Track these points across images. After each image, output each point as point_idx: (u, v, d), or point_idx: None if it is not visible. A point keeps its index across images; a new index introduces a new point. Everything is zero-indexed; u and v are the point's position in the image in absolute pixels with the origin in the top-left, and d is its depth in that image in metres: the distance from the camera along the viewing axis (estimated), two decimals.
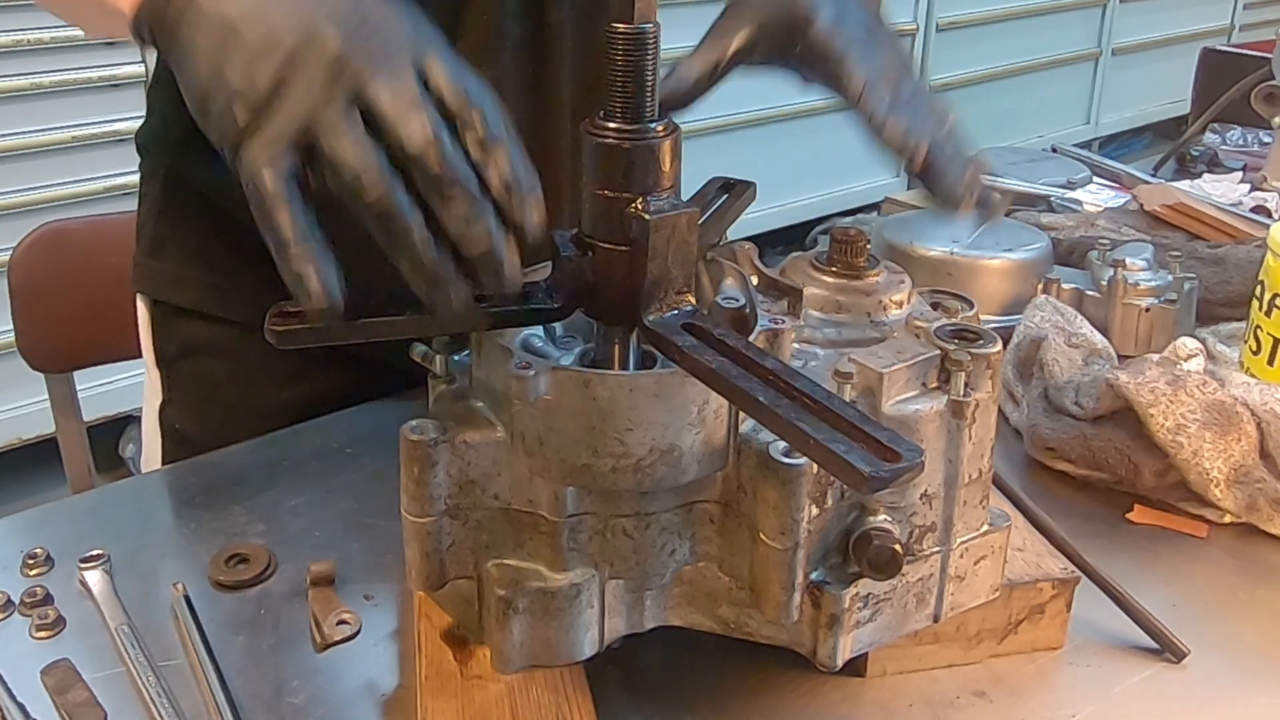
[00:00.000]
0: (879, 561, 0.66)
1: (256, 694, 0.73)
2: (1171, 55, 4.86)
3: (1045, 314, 1.07)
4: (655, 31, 0.62)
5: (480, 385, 0.69)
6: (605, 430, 0.63)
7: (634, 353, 0.68)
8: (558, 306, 0.66)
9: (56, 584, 0.81)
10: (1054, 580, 0.77)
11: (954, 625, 0.75)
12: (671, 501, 0.67)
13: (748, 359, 0.59)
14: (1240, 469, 0.90)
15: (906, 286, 0.75)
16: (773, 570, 0.65)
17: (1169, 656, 0.77)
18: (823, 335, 0.73)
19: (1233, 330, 1.16)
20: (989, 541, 0.73)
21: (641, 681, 0.74)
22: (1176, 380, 0.93)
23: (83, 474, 1.49)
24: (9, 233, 1.94)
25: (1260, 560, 0.89)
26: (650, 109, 0.62)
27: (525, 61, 1.04)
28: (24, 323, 1.41)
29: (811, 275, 0.75)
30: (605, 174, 0.63)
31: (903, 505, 0.69)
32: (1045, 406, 1.01)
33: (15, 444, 2.53)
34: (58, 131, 2.41)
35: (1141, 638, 0.79)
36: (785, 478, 0.63)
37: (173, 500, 0.95)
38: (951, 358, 0.68)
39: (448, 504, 0.67)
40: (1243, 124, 1.86)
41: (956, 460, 0.70)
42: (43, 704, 0.71)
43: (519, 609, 0.67)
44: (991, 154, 1.74)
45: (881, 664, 0.75)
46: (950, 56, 4.19)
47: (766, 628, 0.70)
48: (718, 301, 0.73)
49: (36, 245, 1.41)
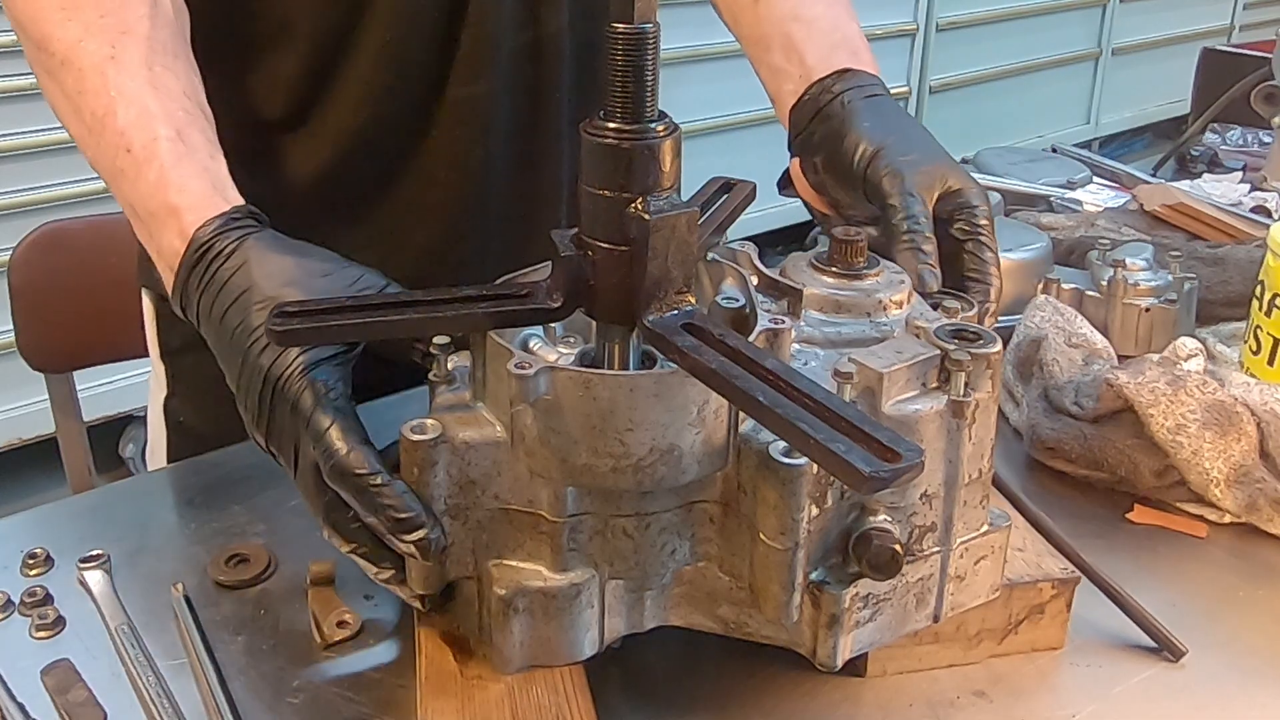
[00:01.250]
0: (879, 562, 0.66)
1: (256, 694, 0.73)
2: (1171, 55, 4.86)
3: (1045, 314, 1.07)
4: (655, 31, 0.62)
5: (481, 385, 0.69)
6: (605, 430, 0.63)
7: (634, 353, 0.68)
8: (557, 306, 0.66)
9: (56, 584, 0.81)
10: (1054, 580, 0.77)
11: (954, 625, 0.75)
12: (672, 501, 0.67)
13: (747, 359, 0.59)
14: (1240, 469, 0.90)
15: (906, 287, 0.75)
16: (772, 570, 0.65)
17: (1168, 656, 0.77)
18: (823, 335, 0.73)
19: (1233, 330, 1.16)
20: (989, 541, 0.73)
21: (642, 682, 0.74)
22: (1176, 380, 0.93)
23: (83, 474, 1.49)
24: (9, 233, 1.95)
25: (1260, 560, 0.89)
26: (650, 109, 0.62)
27: (524, 68, 1.04)
28: (24, 323, 1.41)
29: (812, 275, 0.75)
30: (605, 174, 0.63)
31: (903, 505, 0.69)
32: (1045, 406, 1.01)
33: (15, 444, 2.53)
34: (58, 131, 2.37)
35: (1141, 638, 0.79)
36: (785, 478, 0.63)
37: (173, 500, 0.95)
38: (951, 358, 0.68)
39: (448, 504, 0.67)
40: (1243, 124, 1.86)
41: (956, 460, 0.69)
42: (43, 704, 0.71)
43: (519, 609, 0.67)
44: (991, 154, 1.74)
45: (882, 664, 0.75)
46: (950, 56, 4.19)
47: (766, 628, 0.70)
48: (718, 301, 0.73)
49: (36, 245, 1.41)
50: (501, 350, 0.65)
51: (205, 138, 0.81)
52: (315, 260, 0.74)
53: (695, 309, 0.64)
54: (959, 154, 1.89)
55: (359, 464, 0.66)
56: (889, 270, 0.76)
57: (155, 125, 0.78)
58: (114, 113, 0.79)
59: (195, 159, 0.79)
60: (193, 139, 0.79)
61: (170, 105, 0.80)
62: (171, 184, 0.77)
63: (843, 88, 0.92)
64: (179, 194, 0.76)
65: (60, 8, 0.82)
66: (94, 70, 0.80)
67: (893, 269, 0.77)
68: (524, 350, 0.72)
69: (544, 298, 0.67)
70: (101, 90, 0.80)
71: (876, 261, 0.76)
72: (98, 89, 0.80)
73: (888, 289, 0.74)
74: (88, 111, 0.80)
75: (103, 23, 0.81)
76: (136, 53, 0.81)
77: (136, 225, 0.81)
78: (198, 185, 0.77)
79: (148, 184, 0.77)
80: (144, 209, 0.78)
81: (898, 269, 0.77)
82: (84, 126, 0.81)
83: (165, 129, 0.78)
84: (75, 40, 0.81)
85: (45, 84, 0.84)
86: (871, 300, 0.74)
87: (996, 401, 0.71)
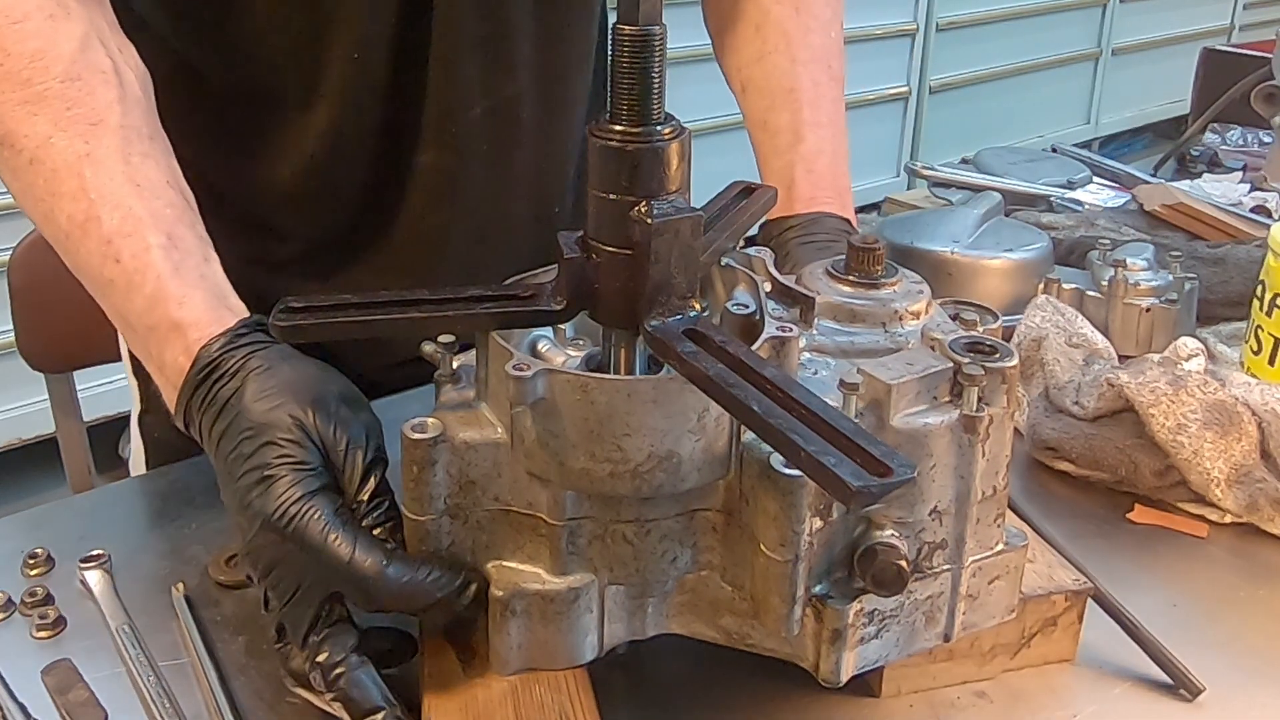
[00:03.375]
0: (883, 577, 0.65)
1: (256, 694, 0.73)
2: (1171, 55, 4.86)
3: (1045, 314, 1.07)
4: (661, 33, 0.61)
5: (484, 385, 0.69)
6: (603, 435, 0.62)
7: (640, 357, 0.68)
8: (560, 309, 0.66)
9: (56, 584, 0.81)
10: (1067, 592, 0.76)
11: (967, 641, 0.74)
12: (673, 508, 0.66)
13: (747, 367, 0.59)
14: (1241, 469, 0.90)
15: (925, 297, 0.73)
16: (773, 582, 0.64)
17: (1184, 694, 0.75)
18: (835, 344, 0.71)
19: (1233, 330, 1.16)
20: (1003, 561, 0.71)
21: (649, 689, 0.74)
22: (1177, 380, 0.93)
23: (83, 474, 1.49)
24: (9, 233, 1.93)
25: (1260, 560, 0.89)
26: (656, 111, 0.62)
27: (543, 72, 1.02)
28: (24, 323, 1.41)
29: (827, 283, 0.74)
30: (609, 176, 0.62)
31: (911, 521, 0.67)
32: (1045, 406, 1.01)
33: (15, 444, 2.53)
34: None
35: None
36: (785, 489, 0.62)
37: (173, 500, 0.95)
38: (964, 371, 0.66)
39: (447, 503, 0.67)
40: (1243, 124, 1.86)
41: (969, 476, 0.68)
42: (43, 704, 0.71)
43: (516, 611, 0.67)
44: (991, 154, 1.74)
45: (896, 684, 0.74)
46: (950, 56, 4.19)
47: (769, 640, 0.69)
48: (728, 307, 0.72)
49: (36, 245, 1.40)
50: (502, 351, 0.65)
51: (195, 234, 0.77)
52: (310, 372, 0.72)
53: (699, 314, 0.64)
54: (959, 154, 1.90)
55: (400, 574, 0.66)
56: (907, 280, 0.74)
57: (144, 232, 0.74)
58: (96, 219, 0.74)
59: (191, 265, 0.75)
60: (185, 241, 0.76)
61: (155, 204, 0.76)
62: (171, 297, 0.73)
63: (796, 238, 0.95)
64: (179, 308, 0.73)
65: (23, 102, 0.76)
66: (68, 171, 0.75)
67: (912, 278, 0.74)
68: (532, 352, 0.71)
69: (547, 300, 0.66)
70: (79, 194, 0.75)
71: (895, 270, 0.74)
72: (75, 192, 0.75)
73: (904, 299, 0.72)
74: (64, 216, 0.76)
75: (71, 115, 0.76)
76: (111, 145, 0.76)
77: (130, 337, 0.77)
78: (199, 297, 0.74)
79: (144, 298, 0.74)
80: (141, 324, 0.74)
81: (917, 279, 0.74)
82: (61, 232, 0.76)
83: (155, 236, 0.74)
84: (44, 137, 0.76)
85: (12, 184, 0.78)
86: (887, 310, 0.72)
87: (1012, 417, 0.69)
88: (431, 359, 0.71)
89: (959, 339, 0.69)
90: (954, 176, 1.66)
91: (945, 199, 1.59)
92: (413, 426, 0.66)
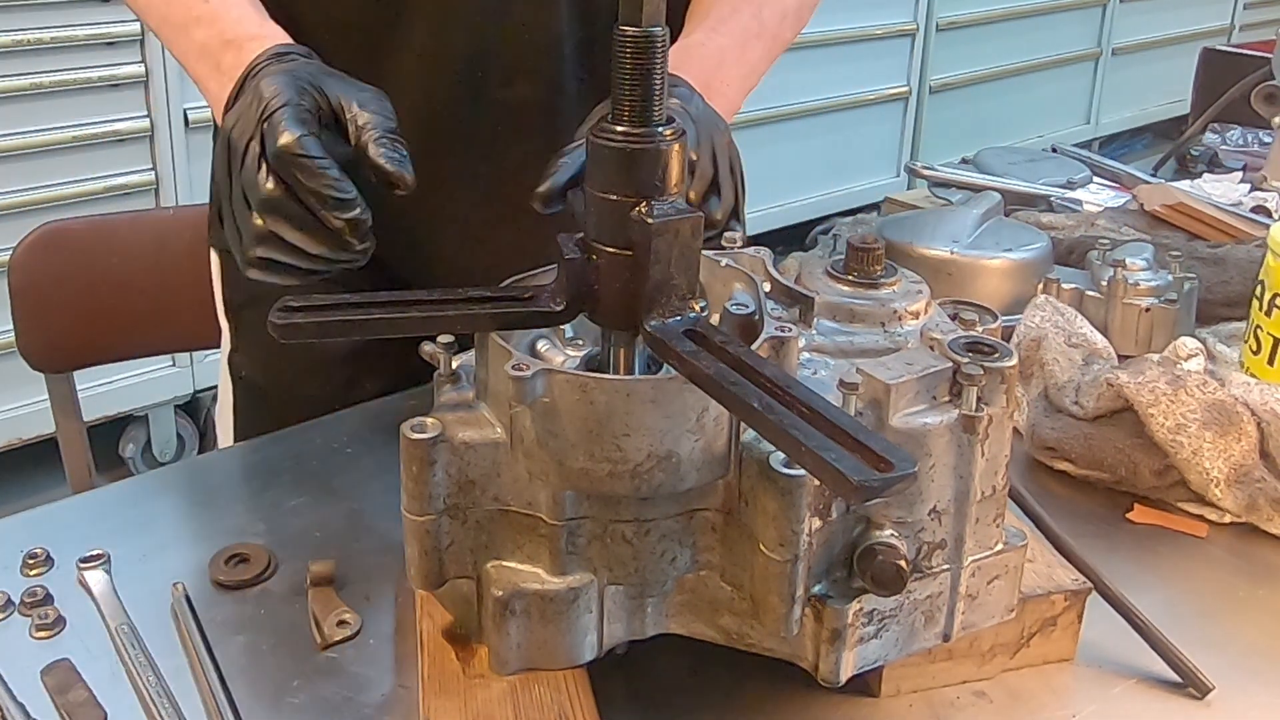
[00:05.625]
0: (883, 577, 0.65)
1: (256, 694, 0.73)
2: (1171, 55, 4.86)
3: (1045, 314, 1.07)
4: (663, 35, 0.61)
5: (483, 385, 0.69)
6: (602, 435, 0.62)
7: (640, 357, 0.68)
8: (560, 309, 0.66)
9: (56, 584, 0.81)
10: (1066, 592, 0.76)
11: (967, 641, 0.74)
12: (672, 508, 0.66)
13: (747, 366, 0.59)
14: (1240, 469, 0.90)
15: (924, 297, 0.73)
16: (772, 582, 0.64)
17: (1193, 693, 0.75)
18: (834, 344, 0.71)
19: (1233, 330, 1.16)
20: (1003, 560, 0.71)
21: (648, 689, 0.74)
22: (1176, 380, 0.93)
23: (83, 474, 1.49)
24: (9, 233, 1.94)
25: (1260, 560, 0.89)
26: (657, 113, 0.62)
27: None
28: (24, 323, 1.41)
29: (826, 283, 0.74)
30: (609, 177, 0.62)
31: (910, 521, 0.68)
32: (1045, 406, 1.01)
33: (15, 444, 2.53)
34: (58, 131, 2.41)
35: (1141, 639, 0.78)
36: (785, 488, 0.62)
37: (173, 500, 0.95)
38: (964, 371, 0.66)
39: (447, 503, 0.67)
40: (1243, 124, 1.86)
41: (968, 476, 0.68)
42: (43, 704, 0.71)
43: (515, 611, 0.67)
44: (991, 154, 1.74)
45: (895, 684, 0.74)
46: (950, 56, 4.19)
47: (768, 640, 0.69)
48: (727, 307, 0.72)
49: (36, 245, 1.40)
50: (501, 351, 0.65)
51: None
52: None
53: (699, 315, 0.64)
54: (959, 154, 1.90)
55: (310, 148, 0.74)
56: (907, 280, 0.74)
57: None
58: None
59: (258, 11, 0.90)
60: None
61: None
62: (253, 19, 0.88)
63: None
64: (260, 27, 0.87)
65: None
66: None
67: (911, 278, 0.75)
68: (532, 352, 0.71)
69: (547, 301, 0.67)
70: None
71: (894, 270, 0.74)
72: None
73: (904, 299, 0.72)
74: None
75: None
76: None
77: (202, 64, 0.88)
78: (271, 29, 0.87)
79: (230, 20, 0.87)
80: (220, 41, 0.86)
81: (916, 279, 0.75)
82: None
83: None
84: None
85: None
86: (886, 310, 0.72)
87: (1011, 417, 0.69)
88: (431, 359, 0.71)
89: (958, 339, 0.69)
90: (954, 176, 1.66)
91: (945, 199, 1.59)
92: (412, 426, 0.66)
